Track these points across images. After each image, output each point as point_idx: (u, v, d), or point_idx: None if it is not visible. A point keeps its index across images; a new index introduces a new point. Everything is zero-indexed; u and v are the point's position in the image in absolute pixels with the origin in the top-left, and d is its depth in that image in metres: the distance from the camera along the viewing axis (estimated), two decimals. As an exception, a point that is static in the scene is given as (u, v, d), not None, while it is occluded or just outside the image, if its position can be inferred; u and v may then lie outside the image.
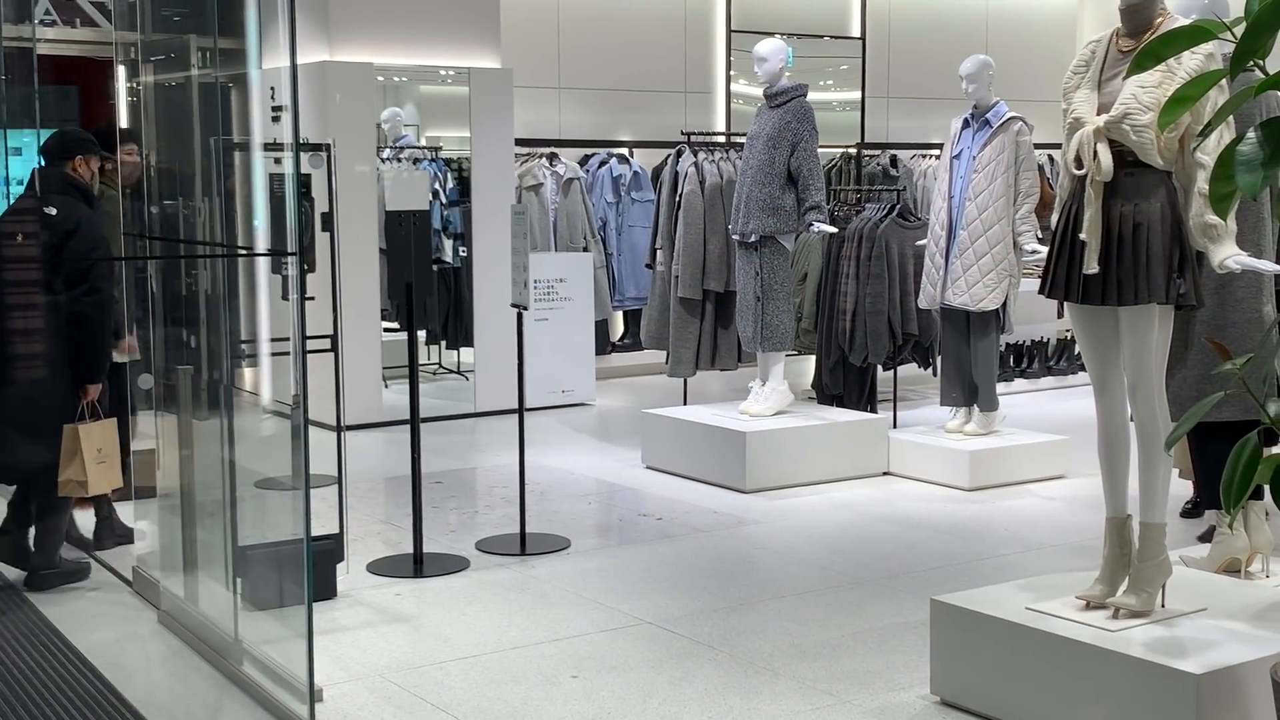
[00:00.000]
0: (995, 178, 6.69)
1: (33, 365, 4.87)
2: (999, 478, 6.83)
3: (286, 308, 4.11)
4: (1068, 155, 3.83)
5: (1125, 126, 3.71)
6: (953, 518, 6.23)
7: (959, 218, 6.81)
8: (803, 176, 6.86)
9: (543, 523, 6.08)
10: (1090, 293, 3.79)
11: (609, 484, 6.97)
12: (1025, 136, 6.76)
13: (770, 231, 6.87)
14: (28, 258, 4.82)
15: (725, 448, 6.82)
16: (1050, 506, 6.43)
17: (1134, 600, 3.77)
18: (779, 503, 6.52)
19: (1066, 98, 3.89)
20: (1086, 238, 3.76)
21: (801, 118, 6.89)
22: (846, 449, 6.99)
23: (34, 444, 4.89)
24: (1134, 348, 3.78)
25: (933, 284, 6.90)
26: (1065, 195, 3.94)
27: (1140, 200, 3.75)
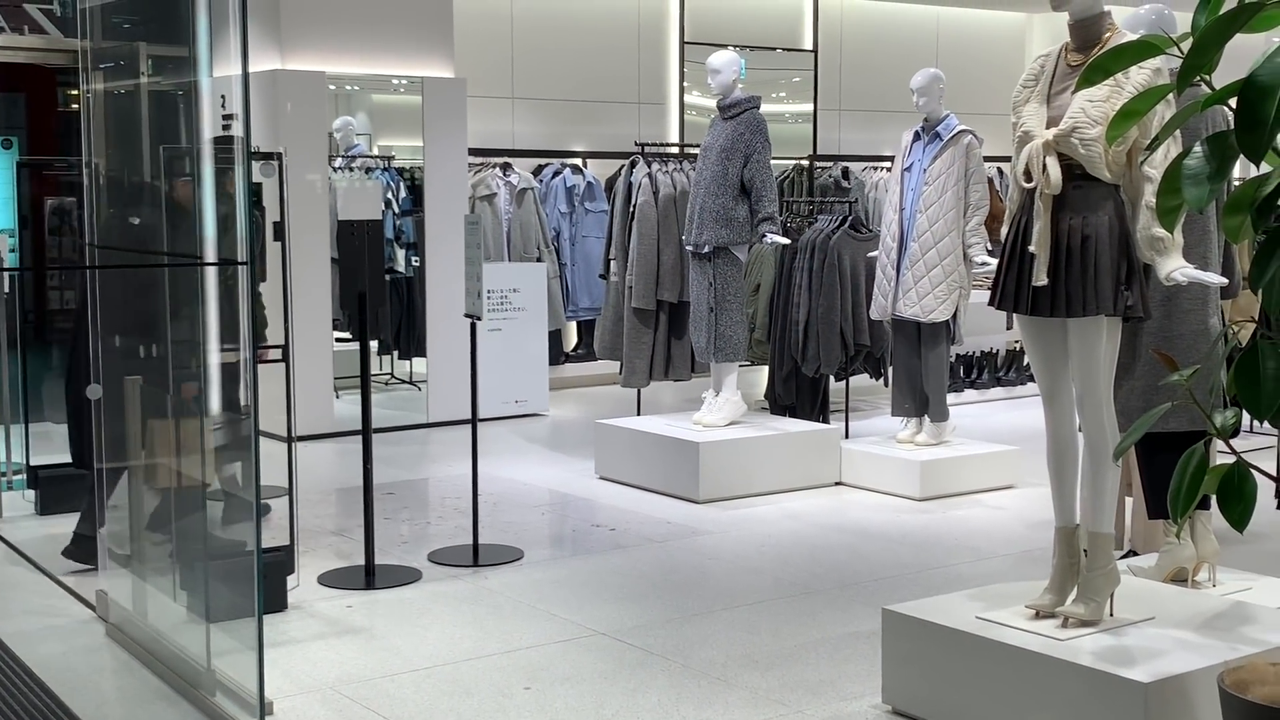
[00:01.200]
0: (946, 190, 6.74)
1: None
2: (950, 488, 6.86)
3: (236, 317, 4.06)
4: (1017, 168, 3.86)
5: (1074, 140, 3.75)
6: (904, 527, 6.26)
7: (910, 230, 6.85)
8: (756, 188, 6.88)
9: (496, 534, 6.06)
10: (1039, 305, 3.82)
11: (562, 495, 6.95)
12: (975, 149, 6.81)
13: (723, 242, 6.89)
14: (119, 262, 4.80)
15: (679, 458, 6.82)
16: (1000, 516, 6.47)
17: (1083, 609, 3.80)
18: (732, 513, 6.52)
19: (1016, 111, 3.92)
20: (1035, 250, 3.79)
21: (754, 129, 6.91)
22: (799, 459, 7.00)
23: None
24: (1082, 359, 3.81)
25: (884, 295, 6.93)
26: (1014, 208, 3.97)
27: (1088, 213, 3.78)
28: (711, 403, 7.14)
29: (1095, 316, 3.77)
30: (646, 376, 7.85)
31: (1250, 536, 5.68)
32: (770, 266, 8.55)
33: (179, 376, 4.29)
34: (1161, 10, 4.86)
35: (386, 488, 6.93)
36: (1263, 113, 2.30)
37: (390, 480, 7.06)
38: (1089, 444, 3.84)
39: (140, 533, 4.58)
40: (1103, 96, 3.72)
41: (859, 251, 7.84)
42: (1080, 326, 3.80)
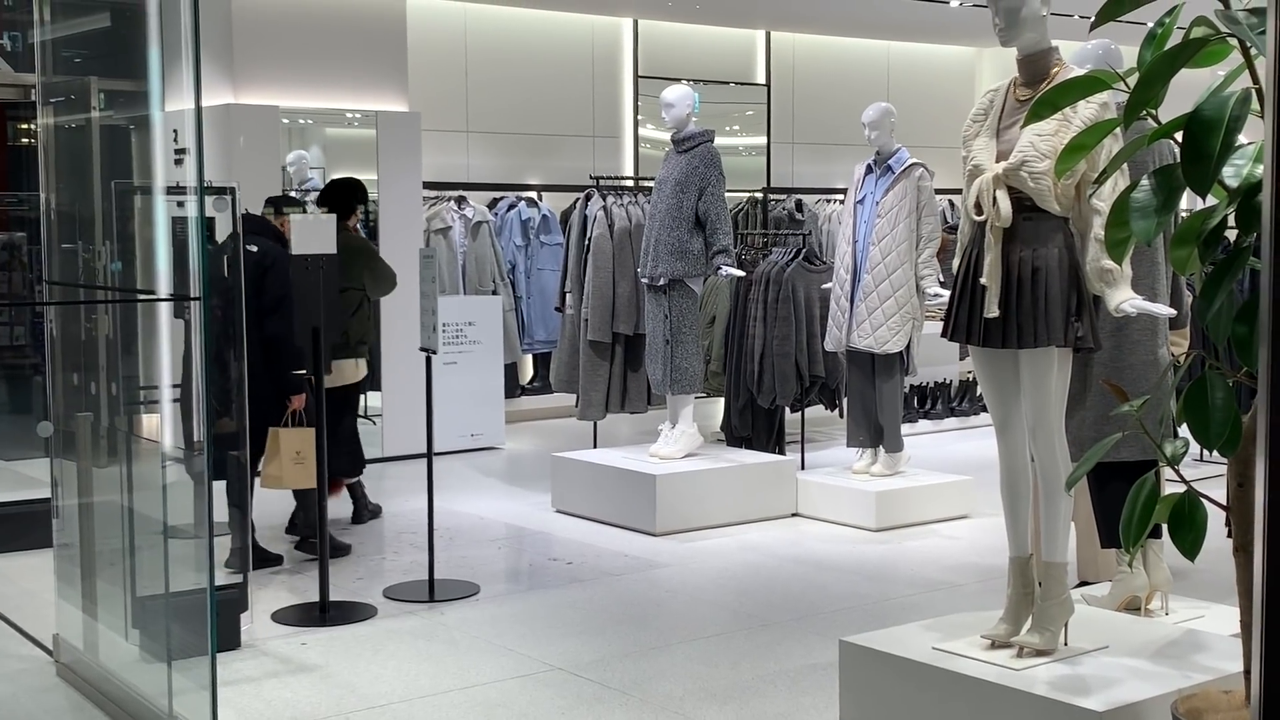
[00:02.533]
0: (898, 222, 6.79)
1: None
2: (905, 518, 6.89)
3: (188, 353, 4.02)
4: (968, 201, 3.90)
5: (1023, 174, 3.79)
6: (860, 558, 6.27)
7: (863, 261, 6.89)
8: (710, 220, 6.90)
9: (452, 569, 6.01)
10: (991, 336, 3.85)
11: (519, 528, 6.92)
12: (926, 182, 6.87)
13: (679, 275, 6.90)
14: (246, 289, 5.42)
15: (635, 491, 6.80)
16: (955, 546, 6.50)
17: (1037, 639, 3.81)
18: (689, 545, 6.51)
19: (966, 145, 3.96)
20: (987, 282, 3.82)
21: (708, 162, 6.94)
22: (755, 491, 7.01)
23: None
24: (1034, 389, 3.85)
25: (838, 326, 6.97)
26: (965, 240, 4.01)
27: (1038, 245, 3.82)
28: (668, 435, 7.14)
29: (1046, 347, 3.81)
30: (603, 409, 7.84)
31: (1201, 565, 5.73)
32: (725, 298, 8.57)
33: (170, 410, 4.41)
34: (1108, 45, 4.94)
35: (341, 523, 6.87)
36: (1208, 146, 2.33)
37: (346, 514, 7.00)
38: (1042, 474, 3.87)
39: (92, 570, 4.51)
40: (1051, 131, 3.77)
41: (813, 283, 7.88)
42: (1032, 357, 3.84)
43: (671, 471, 6.83)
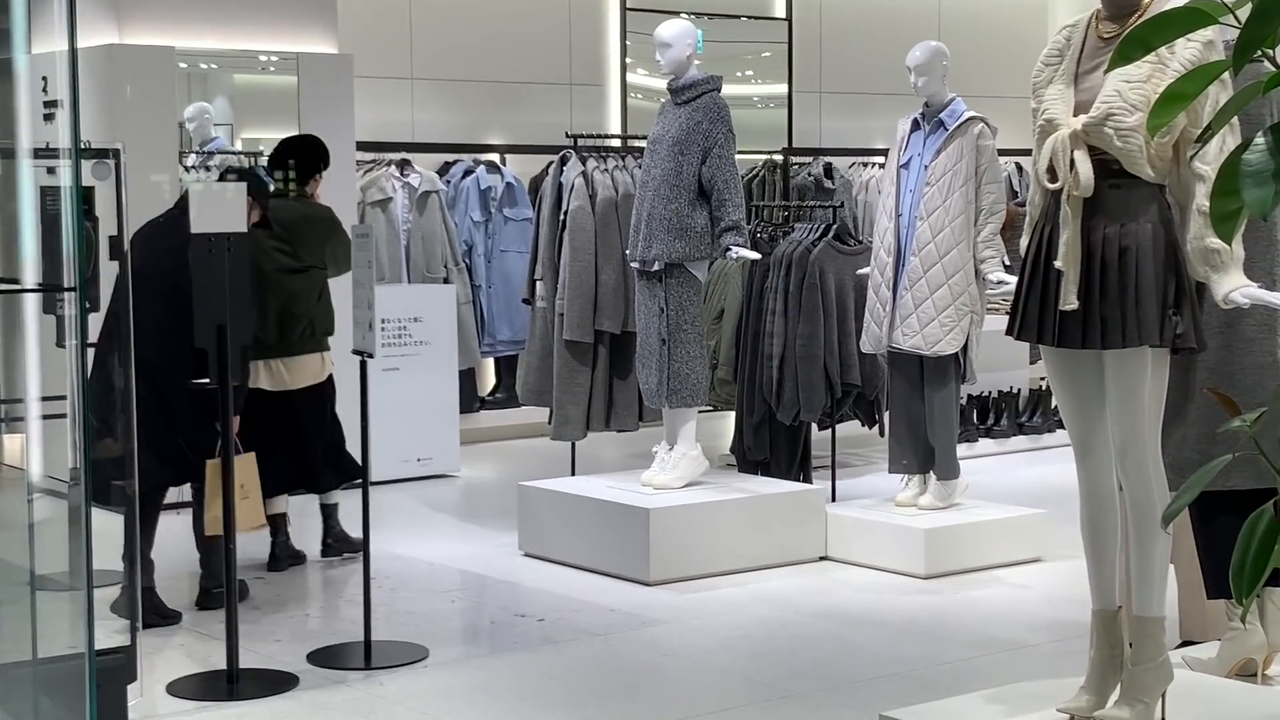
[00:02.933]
0: (952, 191, 6.81)
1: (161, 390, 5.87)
2: (961, 562, 6.91)
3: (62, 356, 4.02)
4: (1039, 165, 3.92)
5: (1108, 130, 3.81)
6: (906, 612, 6.28)
7: (909, 240, 6.91)
8: (717, 190, 6.92)
9: (394, 627, 6.02)
10: (1068, 334, 3.87)
11: (477, 576, 6.92)
12: (988, 141, 6.89)
13: (677, 258, 6.92)
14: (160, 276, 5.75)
15: (624, 529, 6.82)
16: (1024, 597, 6.52)
17: (1128, 713, 3.83)
18: (691, 597, 6.52)
19: (1037, 95, 3.98)
20: (1062, 266, 3.84)
21: (714, 117, 6.96)
22: (774, 529, 7.03)
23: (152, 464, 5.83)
24: (1122, 401, 3.86)
25: (878, 322, 6.99)
26: (1037, 214, 4.03)
27: (1127, 220, 3.84)
28: (664, 459, 7.16)
29: (1138, 348, 3.82)
30: (583, 427, 7.85)
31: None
32: (736, 287, 8.59)
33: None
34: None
35: (256, 570, 6.87)
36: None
37: (261, 559, 7.00)
38: (1133, 506, 3.89)
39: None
40: (1143, 76, 3.79)
41: (846, 268, 7.90)
42: (1119, 360, 3.85)
43: (669, 505, 6.84)
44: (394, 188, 9.82)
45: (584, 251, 7.82)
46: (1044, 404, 10.24)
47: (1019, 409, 10.25)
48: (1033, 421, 10.21)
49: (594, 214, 7.88)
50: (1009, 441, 10.00)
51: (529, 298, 8.27)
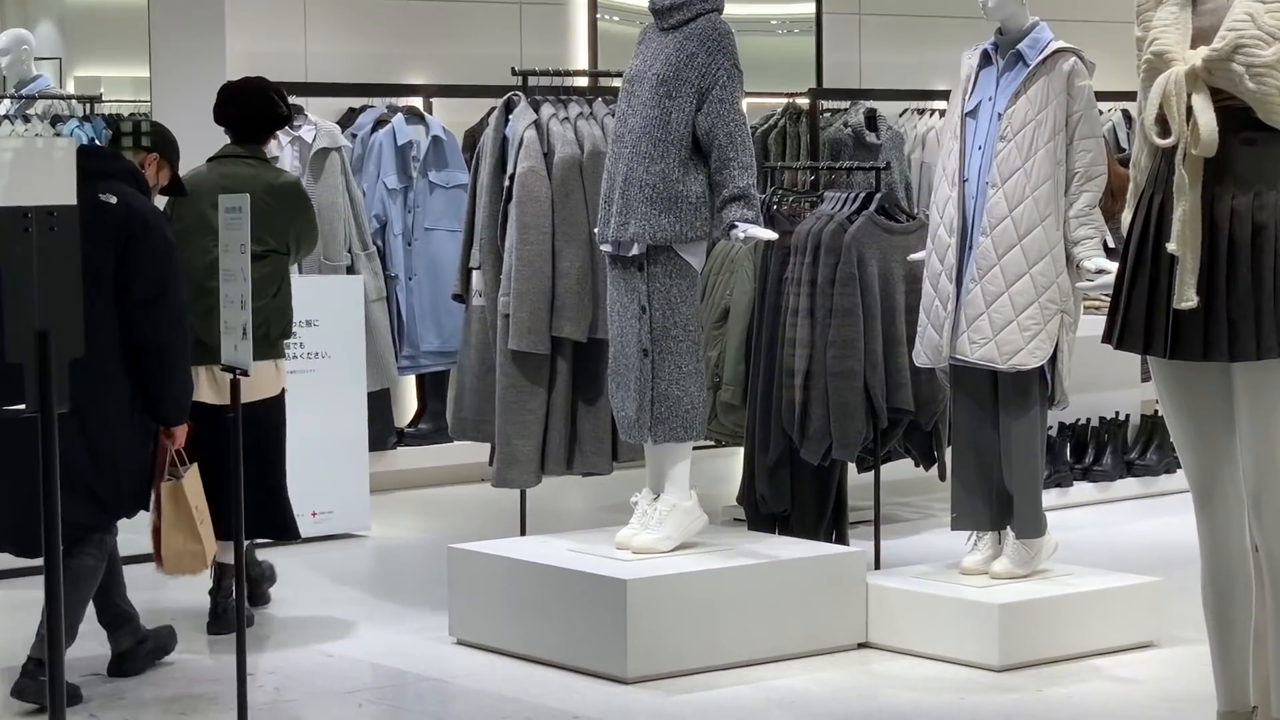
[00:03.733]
0: (1035, 149, 6.84)
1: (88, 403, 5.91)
2: (1049, 649, 6.91)
3: None
4: (1147, 115, 3.97)
5: (1237, 67, 3.86)
6: (975, 718, 6.30)
7: (978, 216, 6.93)
8: (718, 146, 6.92)
9: (279, 741, 6.04)
10: (1185, 342, 3.91)
11: (394, 673, 6.92)
12: (1083, 80, 6.92)
13: (664, 239, 6.92)
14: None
15: (592, 608, 6.82)
16: (1131, 695, 6.53)
17: None
18: (683, 700, 6.53)
19: (1143, 20, 4.03)
20: (1176, 250, 3.88)
21: (714, 47, 6.96)
22: (797, 606, 7.03)
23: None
24: (1257, 430, 3.90)
25: (936, 327, 7.00)
26: (1144, 180, 4.07)
27: (1264, 188, 3.88)
28: (647, 513, 7.15)
29: (1278, 359, 3.86)
30: (536, 469, 7.83)
31: None
32: (746, 279, 8.60)
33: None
34: None
35: (94, 664, 6.88)
36: None
37: (101, 651, 7.00)
38: (1271, 570, 3.92)
39: None
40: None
41: (894, 252, 7.91)
42: (1253, 377, 3.89)
43: (654, 575, 6.84)
44: (280, 144, 9.80)
45: (537, 230, 7.80)
46: (1161, 436, 10.24)
47: (1127, 443, 10.27)
48: (1145, 459, 10.23)
49: (550, 179, 7.86)
50: (1113, 486, 10.02)
51: (462, 293, 8.26)
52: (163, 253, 6.46)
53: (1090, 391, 9.86)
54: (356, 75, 10.63)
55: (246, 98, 7.72)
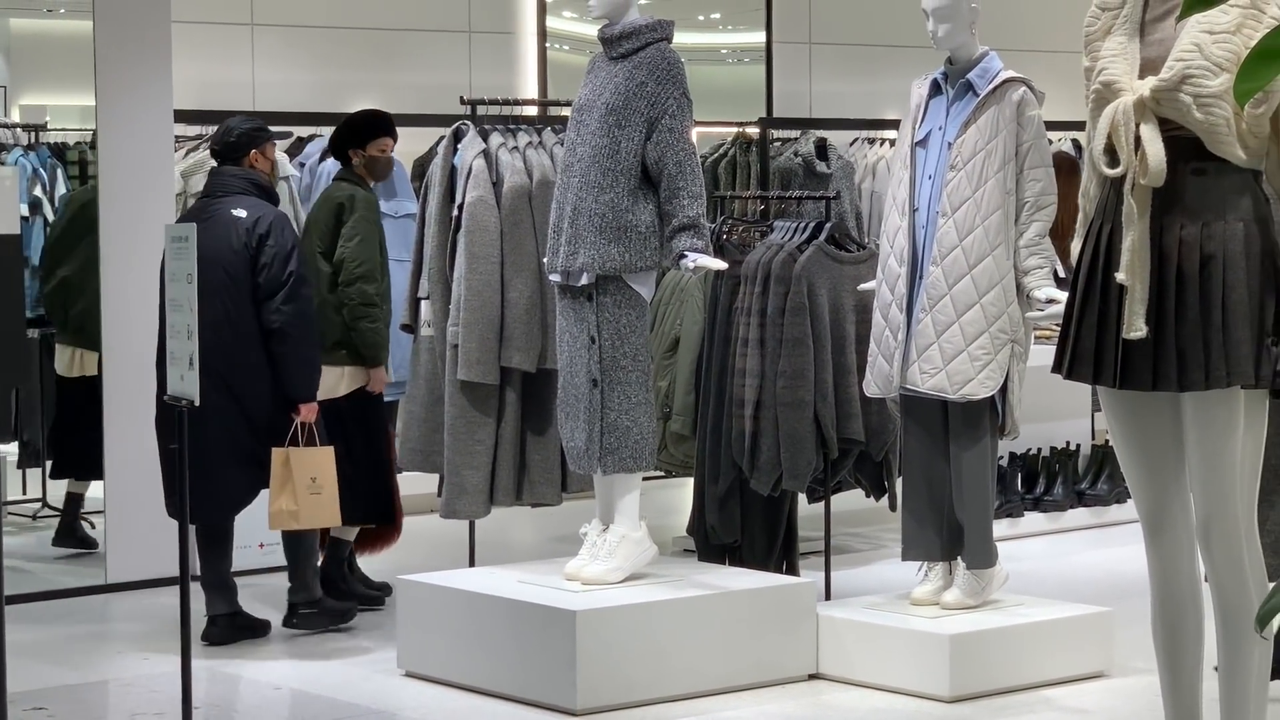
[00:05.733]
0: (985, 178, 6.84)
1: (230, 394, 7.48)
2: (999, 680, 6.91)
3: None
4: (1095, 144, 3.97)
5: (1184, 97, 3.86)
6: (924, 750, 6.30)
7: (928, 245, 6.93)
8: (668, 175, 6.92)
9: (224, 775, 6.00)
10: (1134, 372, 3.91)
11: (344, 705, 6.90)
12: (1033, 111, 6.93)
13: (614, 268, 6.92)
14: (220, 269, 7.47)
15: (541, 640, 6.80)
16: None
17: None
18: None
19: (1091, 49, 4.04)
20: (1125, 279, 3.88)
21: (663, 77, 6.96)
22: (748, 638, 7.02)
23: (234, 476, 7.61)
24: (1207, 460, 3.90)
25: (887, 356, 7.01)
26: (1092, 209, 4.07)
27: (1212, 218, 3.89)
28: (597, 544, 7.14)
29: (1226, 390, 3.87)
30: (485, 500, 7.81)
31: None
32: (696, 309, 8.59)
33: None
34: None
35: (34, 698, 6.83)
36: None
37: (39, 684, 6.96)
38: (1220, 601, 3.93)
39: None
40: (1230, 25, 3.84)
41: (844, 282, 7.92)
42: (1203, 407, 3.90)
43: (603, 606, 6.82)
44: (227, 174, 9.78)
45: (486, 260, 7.79)
46: (1112, 465, 10.26)
47: (1078, 473, 10.29)
48: (1096, 489, 10.25)
49: (499, 208, 7.86)
50: (1064, 516, 10.04)
51: (410, 323, 8.25)
52: (284, 254, 7.60)
53: (1041, 421, 9.88)
54: (305, 104, 10.60)
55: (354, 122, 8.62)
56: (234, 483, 7.62)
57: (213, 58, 10.35)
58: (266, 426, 7.59)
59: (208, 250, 7.21)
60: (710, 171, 11.06)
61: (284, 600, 8.35)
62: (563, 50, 11.53)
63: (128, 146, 8.74)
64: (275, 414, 7.60)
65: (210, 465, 7.38)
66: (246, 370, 7.58)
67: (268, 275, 7.59)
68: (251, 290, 7.60)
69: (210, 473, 7.41)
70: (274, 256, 7.60)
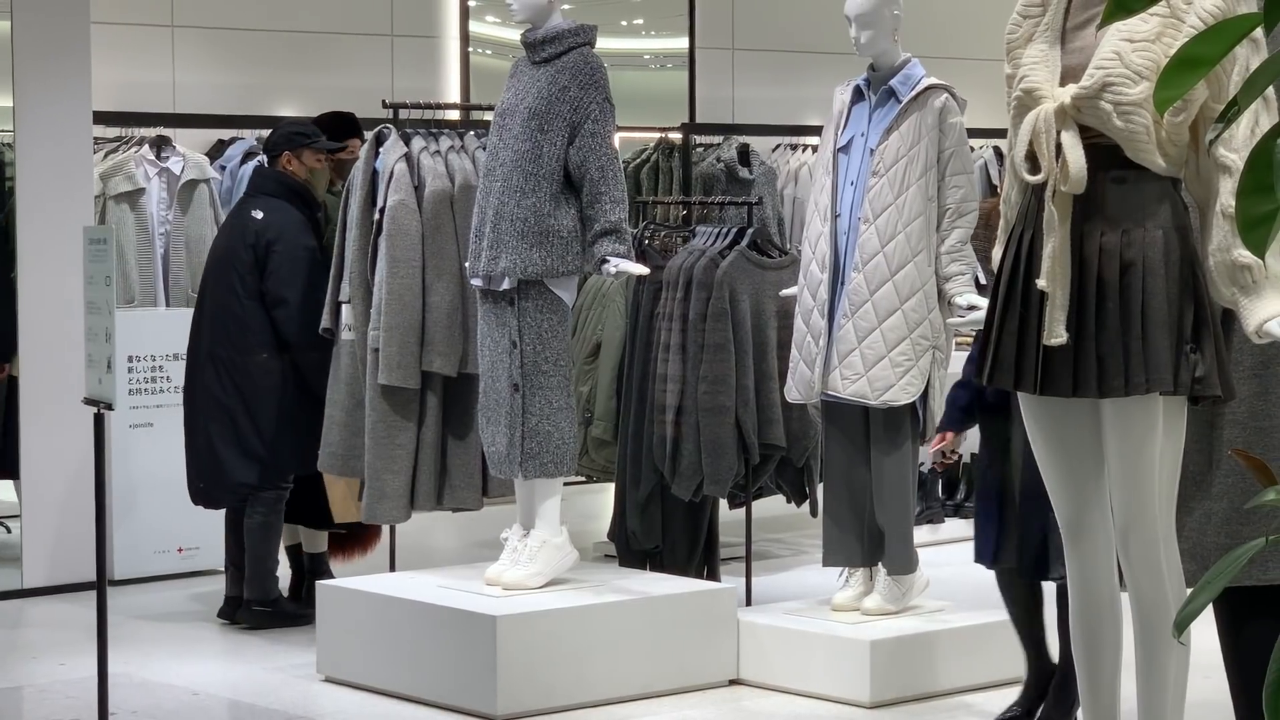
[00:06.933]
0: (907, 185, 6.86)
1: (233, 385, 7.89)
2: (920, 685, 6.93)
3: None
4: (1016, 151, 3.98)
5: (1105, 104, 3.88)
6: (844, 755, 6.30)
7: (849, 251, 6.94)
8: (590, 180, 6.92)
9: (141, 781, 5.97)
10: (1054, 378, 3.92)
11: (263, 711, 6.88)
12: (954, 117, 6.95)
13: (535, 273, 6.91)
14: (230, 266, 7.91)
15: (462, 645, 6.79)
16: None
17: None
18: (553, 737, 6.52)
19: (1012, 57, 4.05)
20: (1046, 286, 3.90)
21: (585, 81, 6.96)
22: (668, 643, 7.02)
23: (238, 470, 7.90)
24: (1126, 467, 3.92)
25: (809, 362, 7.01)
26: (1014, 216, 4.09)
27: (1131, 225, 3.91)
28: (518, 549, 7.13)
29: (1145, 396, 3.88)
30: (405, 504, 7.79)
31: None
32: (617, 314, 8.59)
33: None
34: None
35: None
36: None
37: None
38: (1138, 607, 3.95)
39: None
40: (1150, 34, 3.86)
41: (766, 288, 7.92)
42: (1122, 413, 3.91)
43: (524, 611, 6.81)
44: (147, 175, 9.72)
45: (407, 264, 7.76)
46: (1031, 472, 10.33)
47: (998, 479, 10.36)
48: (1016, 496, 10.32)
49: (421, 212, 7.83)
50: (984, 523, 10.11)
51: (330, 327, 8.21)
52: (291, 258, 7.89)
53: (960, 427, 9.91)
54: (226, 106, 10.56)
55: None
56: (242, 471, 7.88)
57: (133, 59, 10.29)
58: (270, 424, 7.90)
59: (222, 247, 8.07)
60: (633, 177, 11.06)
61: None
62: (485, 55, 11.51)
63: (46, 148, 8.68)
64: (280, 413, 7.92)
65: (217, 454, 7.86)
66: (253, 368, 7.89)
67: (274, 280, 7.88)
68: (259, 293, 7.87)
69: (217, 460, 7.87)
70: (280, 264, 7.87)
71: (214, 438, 7.88)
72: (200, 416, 7.96)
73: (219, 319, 7.93)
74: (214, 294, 8.02)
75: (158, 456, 8.79)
